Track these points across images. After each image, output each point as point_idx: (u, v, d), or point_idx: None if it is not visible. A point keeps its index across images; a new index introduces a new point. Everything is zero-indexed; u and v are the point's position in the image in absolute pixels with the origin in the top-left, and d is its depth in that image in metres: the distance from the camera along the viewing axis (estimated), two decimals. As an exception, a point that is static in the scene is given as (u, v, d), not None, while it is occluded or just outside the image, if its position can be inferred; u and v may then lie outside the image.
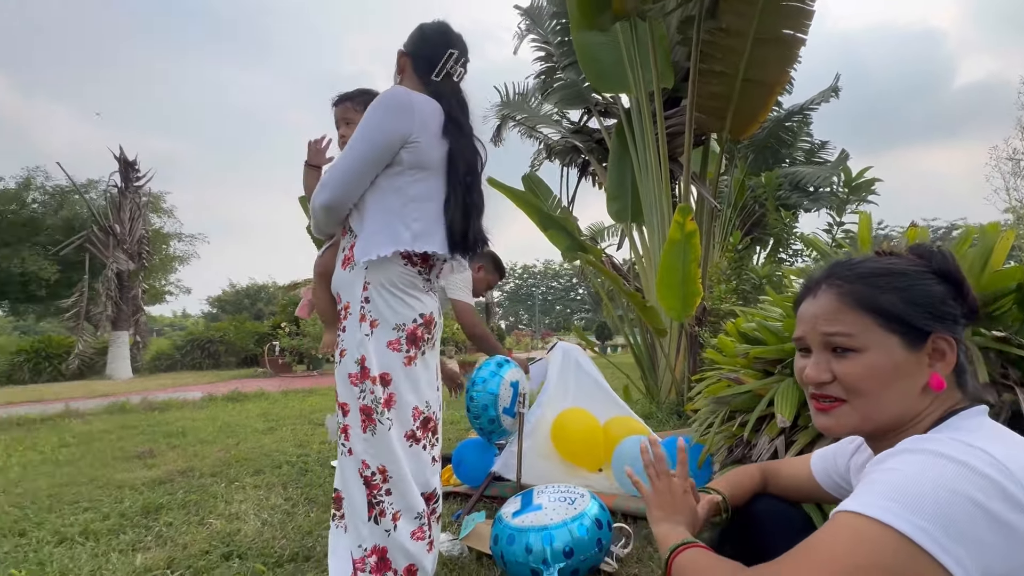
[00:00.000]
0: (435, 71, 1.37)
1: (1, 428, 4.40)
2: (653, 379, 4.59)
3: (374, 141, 1.25)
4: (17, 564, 1.84)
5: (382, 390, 1.26)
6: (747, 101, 4.07)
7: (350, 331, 1.28)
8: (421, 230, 1.29)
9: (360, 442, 1.25)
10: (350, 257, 1.30)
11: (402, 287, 1.30)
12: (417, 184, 1.29)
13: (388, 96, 1.28)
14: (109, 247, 10.81)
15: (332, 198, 1.28)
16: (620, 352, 20.97)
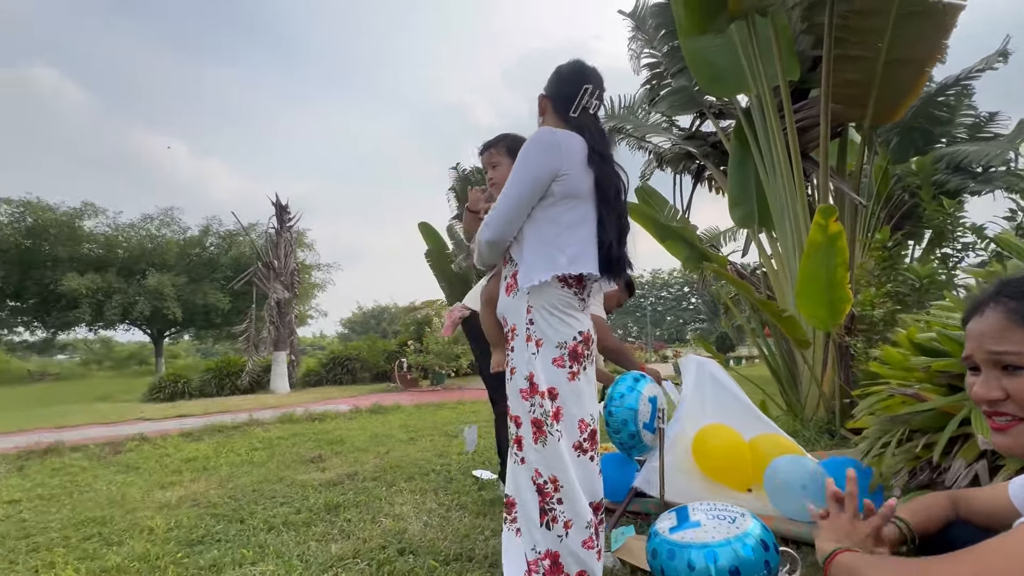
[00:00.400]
0: (572, 108, 1.50)
1: (208, 433, 5.36)
2: (795, 394, 4.23)
3: (527, 180, 1.40)
4: (244, 545, 2.25)
5: (551, 404, 1.38)
6: (891, 84, 3.66)
7: (518, 351, 1.42)
8: (575, 254, 1.40)
9: (532, 452, 1.37)
10: (512, 284, 1.45)
11: (561, 308, 1.42)
12: (569, 212, 1.42)
13: (536, 138, 1.43)
14: (270, 279, 12.67)
15: (495, 235, 1.44)
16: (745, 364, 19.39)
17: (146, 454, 4.44)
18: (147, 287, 22.67)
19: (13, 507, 3.05)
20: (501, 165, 1.76)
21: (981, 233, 5.38)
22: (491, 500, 2.72)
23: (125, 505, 2.96)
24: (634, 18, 5.92)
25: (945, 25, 3.31)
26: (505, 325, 1.49)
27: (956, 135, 7.49)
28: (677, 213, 5.54)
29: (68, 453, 4.57)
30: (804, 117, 4.23)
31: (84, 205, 24.08)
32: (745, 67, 4.25)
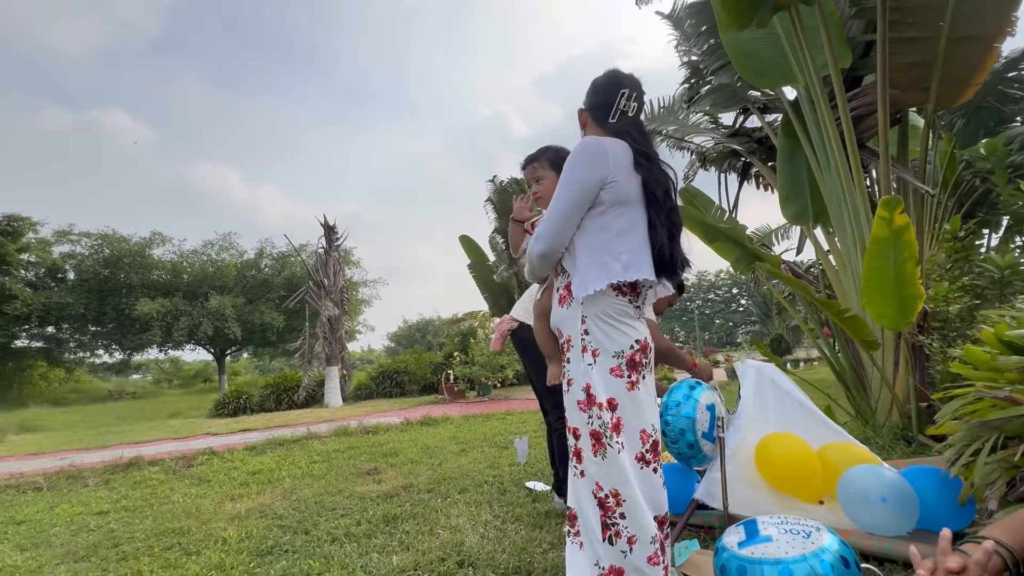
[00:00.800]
0: (611, 114, 1.50)
1: (270, 447, 5.61)
2: (864, 398, 3.97)
3: (575, 190, 1.40)
4: (310, 556, 2.33)
5: (610, 415, 1.35)
6: (956, 64, 3.41)
7: (574, 362, 1.41)
8: (629, 260, 1.39)
9: (592, 465, 1.35)
10: (566, 295, 1.45)
11: (616, 316, 1.40)
12: (620, 219, 1.40)
13: (581, 148, 1.43)
14: (321, 297, 13.21)
15: (547, 247, 1.43)
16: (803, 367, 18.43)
17: (215, 467, 4.69)
18: (210, 309, 24.15)
19: (103, 518, 3.30)
20: (545, 179, 1.77)
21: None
22: (546, 512, 2.69)
23: (200, 516, 3.14)
24: (671, 19, 5.84)
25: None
26: (560, 337, 1.48)
27: (1032, 113, 6.92)
28: (724, 213, 5.37)
29: (147, 467, 4.89)
30: (859, 105, 4.01)
31: (153, 235, 26.03)
32: (791, 58, 4.09)
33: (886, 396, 3.63)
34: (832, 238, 4.34)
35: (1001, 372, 1.57)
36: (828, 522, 2.06)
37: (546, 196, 1.76)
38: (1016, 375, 1.51)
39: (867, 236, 3.57)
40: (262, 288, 26.65)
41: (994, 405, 1.58)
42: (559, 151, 1.78)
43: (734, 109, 5.50)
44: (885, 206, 2.57)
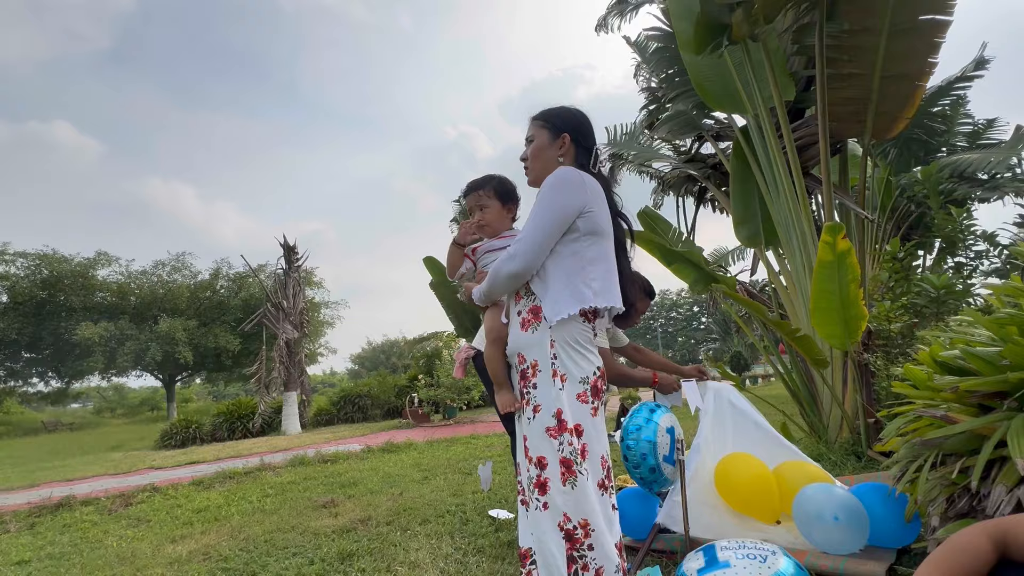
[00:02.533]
0: (591, 164, 1.58)
1: (219, 481, 5.28)
2: (816, 415, 4.11)
3: (556, 215, 1.42)
4: (256, 602, 2.18)
5: (578, 441, 1.35)
6: (889, 99, 3.68)
7: (543, 387, 1.39)
8: (600, 288, 1.42)
9: (560, 495, 1.33)
10: (531, 319, 1.44)
11: (582, 342, 1.42)
12: (592, 248, 1.44)
13: (563, 177, 1.45)
14: (279, 320, 12.74)
15: (523, 267, 1.43)
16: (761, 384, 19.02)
17: (157, 505, 4.37)
18: (159, 332, 22.88)
19: (22, 569, 2.99)
20: (489, 207, 1.77)
21: (993, 240, 5.33)
22: (509, 542, 2.62)
23: (135, 562, 2.90)
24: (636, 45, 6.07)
25: (935, 43, 3.35)
26: (522, 362, 1.46)
27: (955, 144, 7.53)
28: (682, 236, 5.53)
29: (79, 507, 4.51)
30: (802, 135, 4.25)
31: (98, 254, 24.61)
32: (740, 89, 4.31)
33: (836, 413, 3.77)
34: (783, 260, 4.54)
35: (937, 391, 1.64)
36: (785, 541, 2.09)
37: (490, 224, 1.76)
38: (951, 395, 1.58)
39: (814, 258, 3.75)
40: (217, 310, 25.51)
41: (932, 423, 1.65)
42: (504, 182, 1.80)
43: (690, 136, 5.73)
44: (828, 231, 2.70)
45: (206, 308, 25.54)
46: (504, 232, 1.80)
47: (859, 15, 3.40)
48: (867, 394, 3.47)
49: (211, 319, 25.14)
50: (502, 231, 1.81)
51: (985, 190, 6.57)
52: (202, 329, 24.40)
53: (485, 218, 1.78)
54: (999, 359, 1.50)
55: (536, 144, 1.59)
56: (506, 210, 1.82)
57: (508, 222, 1.83)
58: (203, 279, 26.33)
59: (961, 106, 7.38)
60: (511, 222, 1.85)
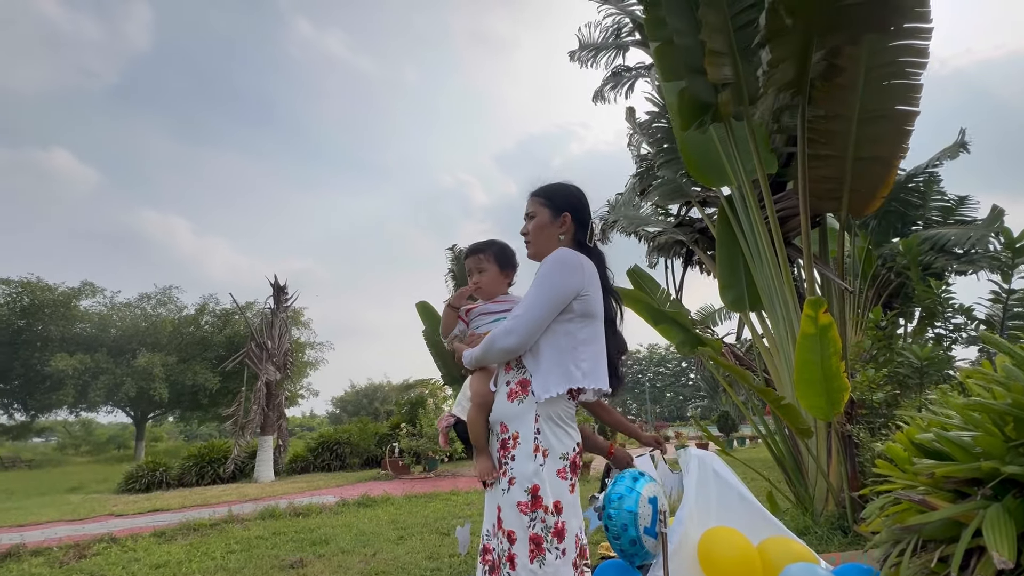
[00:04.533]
0: (588, 239, 1.66)
1: (182, 532, 5.00)
2: (802, 485, 4.06)
3: (554, 295, 1.46)
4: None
5: (554, 519, 1.34)
6: (863, 179, 3.90)
7: (521, 460, 1.39)
8: (589, 369, 1.46)
9: (527, 572, 1.30)
10: (518, 391, 1.46)
11: (565, 419, 1.45)
12: (584, 329, 1.48)
13: (563, 258, 1.51)
14: (262, 360, 12.48)
15: (519, 343, 1.46)
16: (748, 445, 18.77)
17: (113, 559, 4.12)
18: (136, 367, 22.24)
19: (-43, 628, 2.77)
20: (487, 271, 1.82)
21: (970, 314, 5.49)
22: (484, 616, 2.50)
23: (82, 625, 2.70)
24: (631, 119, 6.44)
25: (904, 131, 3.59)
26: (504, 432, 1.47)
27: (931, 218, 7.91)
28: (670, 297, 5.63)
29: (28, 558, 4.23)
30: (784, 207, 4.45)
31: (83, 284, 24.28)
32: (725, 162, 4.54)
33: (822, 484, 3.73)
34: (766, 323, 4.62)
35: (915, 475, 1.65)
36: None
37: (486, 287, 1.81)
38: (928, 480, 1.59)
39: (797, 325, 3.83)
40: (199, 346, 24.95)
41: (910, 507, 1.65)
42: (505, 248, 1.85)
43: (678, 202, 5.97)
44: (811, 306, 2.78)
45: (188, 343, 24.99)
46: (499, 296, 1.84)
47: (833, 103, 3.66)
48: (851, 467, 3.45)
49: (192, 355, 24.55)
50: (497, 295, 1.85)
51: (961, 263, 6.83)
52: (181, 365, 23.77)
53: (482, 281, 1.82)
54: (973, 445, 1.52)
55: (537, 221, 1.65)
56: (503, 275, 1.86)
57: (504, 287, 1.88)
58: (188, 314, 25.94)
59: (935, 183, 7.81)
60: (507, 287, 1.89)
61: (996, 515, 1.34)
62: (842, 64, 3.42)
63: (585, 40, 6.73)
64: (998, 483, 1.42)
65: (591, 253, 1.61)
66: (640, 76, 6.56)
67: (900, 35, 3.22)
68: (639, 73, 6.58)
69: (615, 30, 6.59)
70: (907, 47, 3.28)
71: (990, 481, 1.45)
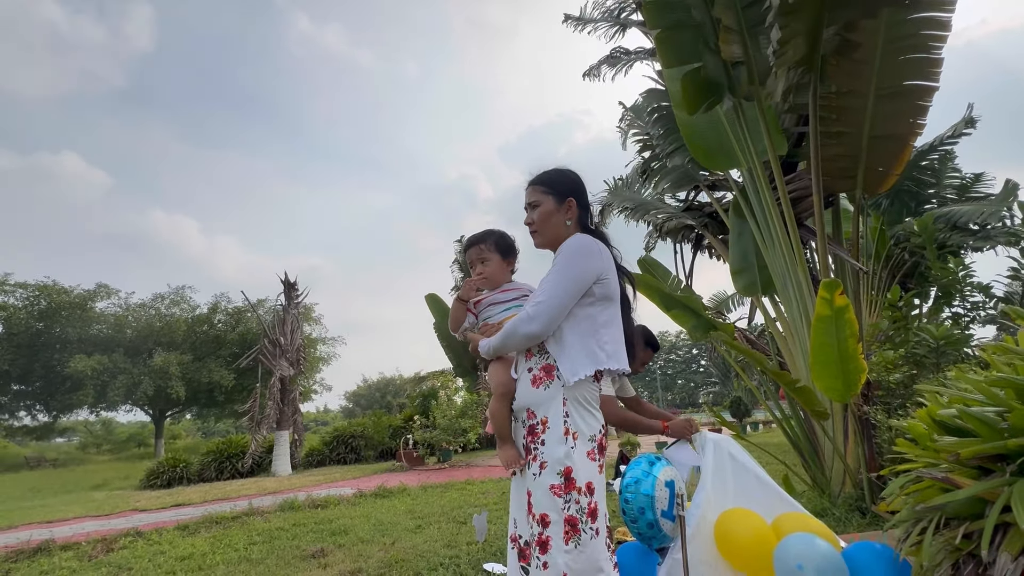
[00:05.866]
0: (590, 222, 1.67)
1: (205, 526, 5.10)
2: (818, 467, 4.04)
3: (576, 281, 1.48)
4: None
5: (587, 499, 1.36)
6: (878, 157, 3.82)
7: (552, 444, 1.41)
8: (612, 351, 1.49)
9: (562, 554, 1.31)
10: (543, 377, 1.48)
11: (592, 402, 1.48)
12: (604, 312, 1.51)
13: (581, 244, 1.53)
14: (276, 356, 12.62)
15: (542, 329, 1.48)
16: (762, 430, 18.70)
17: (139, 552, 4.21)
18: (153, 366, 22.60)
19: (-6, 620, 2.86)
20: (490, 261, 1.82)
21: (988, 292, 5.39)
22: (504, 600, 2.53)
23: (113, 615, 2.77)
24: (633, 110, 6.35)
25: (921, 106, 3.51)
26: (532, 418, 1.49)
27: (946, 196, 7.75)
28: (680, 283, 5.59)
29: (58, 553, 4.34)
30: (795, 188, 4.38)
31: (98, 287, 24.65)
32: (734, 144, 4.47)
33: (839, 466, 3.71)
34: (780, 308, 4.57)
35: (937, 453, 1.63)
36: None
37: (491, 277, 1.80)
38: (951, 458, 1.57)
39: (811, 308, 3.79)
40: (213, 344, 25.30)
41: (932, 485, 1.63)
42: (504, 236, 1.85)
43: (686, 188, 5.89)
44: (826, 288, 2.74)
45: (202, 342, 25.34)
46: (505, 285, 1.84)
47: (847, 79, 3.58)
48: (869, 448, 3.43)
49: (206, 353, 24.90)
50: (502, 283, 1.84)
51: (977, 239, 6.71)
52: (196, 363, 24.12)
53: (486, 271, 1.82)
54: (998, 421, 1.50)
55: (543, 210, 1.64)
56: (506, 263, 1.86)
57: (508, 275, 1.87)
58: (201, 313, 26.27)
59: (949, 160, 7.65)
60: (511, 275, 1.89)
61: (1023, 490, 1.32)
62: (857, 39, 3.34)
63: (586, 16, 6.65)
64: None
65: (596, 234, 1.62)
66: (640, 59, 6.46)
67: (921, 6, 3.14)
68: (638, 56, 6.48)
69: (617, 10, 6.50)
70: (929, 19, 3.20)
71: (1016, 457, 1.43)
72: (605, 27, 6.63)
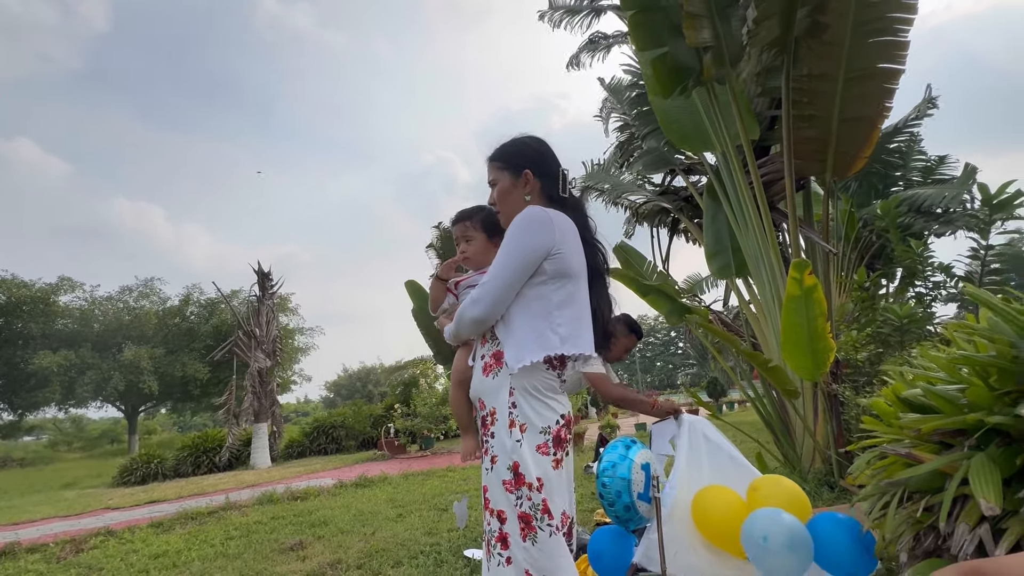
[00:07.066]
0: (560, 188, 1.52)
1: (180, 522, 5.00)
2: (789, 444, 4.15)
3: (520, 258, 1.36)
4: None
5: (539, 496, 1.28)
6: (847, 140, 3.87)
7: (499, 437, 1.34)
8: (567, 334, 1.36)
9: (521, 551, 1.27)
10: (493, 364, 1.39)
11: (544, 391, 1.36)
12: (560, 291, 1.38)
13: (529, 217, 1.40)
14: (251, 348, 12.38)
15: (486, 312, 1.38)
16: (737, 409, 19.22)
17: (111, 551, 4.11)
18: (123, 361, 21.94)
19: (-45, 628, 2.76)
20: (475, 239, 1.73)
21: (949, 272, 5.58)
22: (484, 586, 2.54)
23: (82, 617, 2.70)
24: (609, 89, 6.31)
25: (888, 89, 3.56)
26: (482, 408, 1.41)
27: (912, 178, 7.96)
28: (656, 267, 5.64)
29: (24, 556, 4.20)
30: (768, 172, 4.43)
31: (60, 280, 23.69)
32: (708, 128, 4.48)
33: (809, 443, 3.82)
34: (753, 290, 4.65)
35: (901, 429, 1.68)
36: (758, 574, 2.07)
37: (474, 257, 1.72)
38: (914, 434, 1.62)
39: (782, 289, 3.85)
40: (186, 337, 24.66)
41: (896, 461, 1.68)
42: (492, 214, 1.72)
43: (662, 171, 5.91)
44: (796, 268, 2.79)
45: (174, 335, 24.68)
46: (488, 266, 1.79)
47: (818, 61, 3.61)
48: (837, 425, 3.53)
49: (179, 346, 24.28)
50: (486, 265, 1.78)
51: (940, 224, 6.92)
52: (169, 357, 23.52)
53: (469, 250, 1.73)
54: (959, 398, 1.54)
55: (500, 187, 1.54)
56: (492, 244, 1.76)
57: (493, 256, 1.82)
58: (172, 305, 25.55)
59: (916, 144, 7.84)
60: None
61: (981, 464, 1.36)
62: (828, 20, 3.36)
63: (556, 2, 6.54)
64: (983, 433, 1.45)
65: (566, 205, 1.49)
66: (617, 43, 6.42)
67: (887, -12, 3.16)
68: (616, 40, 6.43)
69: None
70: (895, 2, 3.22)
71: (975, 432, 1.47)
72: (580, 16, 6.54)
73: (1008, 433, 1.42)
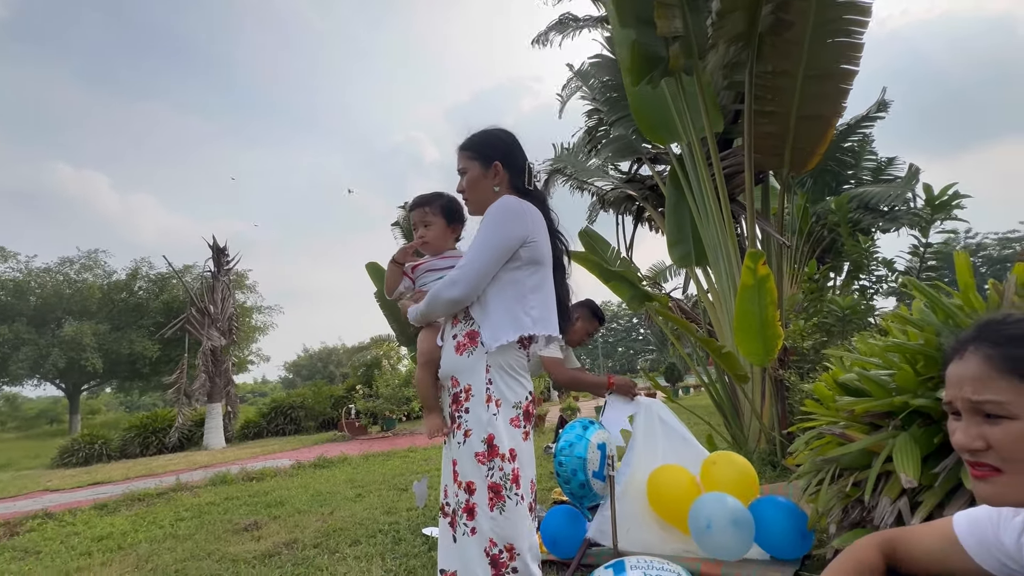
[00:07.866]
0: (527, 181, 1.60)
1: (126, 504, 4.82)
2: (738, 426, 4.37)
3: (499, 244, 1.44)
4: (161, 641, 2.00)
5: (511, 466, 1.37)
6: (804, 137, 4.02)
7: (475, 412, 1.40)
8: (539, 316, 1.46)
9: (487, 520, 1.33)
10: (466, 343, 1.45)
11: (516, 368, 1.46)
12: (532, 276, 1.48)
13: (506, 206, 1.47)
14: (204, 326, 11.91)
15: (463, 294, 1.44)
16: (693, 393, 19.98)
17: (49, 534, 3.93)
18: (63, 337, 20.69)
19: None
20: (434, 224, 1.74)
21: (891, 267, 5.94)
22: (442, 562, 2.58)
23: (18, 601, 2.59)
24: (579, 74, 6.28)
25: (844, 89, 3.71)
26: (456, 386, 1.46)
27: (862, 177, 8.37)
28: (620, 254, 5.74)
29: (-48, 540, 3.97)
30: (729, 164, 4.55)
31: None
32: (676, 118, 4.56)
33: (755, 425, 4.02)
34: (712, 279, 4.82)
35: (837, 412, 1.80)
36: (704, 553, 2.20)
37: (432, 242, 1.74)
38: (848, 415, 1.73)
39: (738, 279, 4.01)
40: (134, 314, 23.42)
41: (831, 440, 1.80)
42: (452, 201, 1.77)
43: (629, 159, 5.98)
44: (750, 258, 2.90)
45: (121, 311, 23.40)
46: (446, 252, 1.78)
47: (780, 59, 3.71)
48: (782, 408, 3.73)
49: (126, 323, 23.06)
50: (444, 250, 1.79)
51: (886, 221, 7.32)
52: (115, 334, 22.32)
53: (428, 235, 1.74)
54: (889, 382, 1.67)
55: (470, 176, 1.59)
56: (450, 230, 1.79)
57: (451, 242, 1.81)
58: (119, 279, 24.14)
59: (867, 144, 8.22)
60: (454, 242, 1.83)
61: (904, 442, 1.48)
62: (790, 18, 3.45)
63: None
64: (907, 415, 1.57)
65: (532, 197, 1.58)
66: (588, 27, 6.40)
67: (845, -10, 3.27)
68: (587, 24, 6.41)
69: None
70: (852, 4, 3.34)
71: (901, 413, 1.60)
72: None
73: (930, 415, 1.54)
